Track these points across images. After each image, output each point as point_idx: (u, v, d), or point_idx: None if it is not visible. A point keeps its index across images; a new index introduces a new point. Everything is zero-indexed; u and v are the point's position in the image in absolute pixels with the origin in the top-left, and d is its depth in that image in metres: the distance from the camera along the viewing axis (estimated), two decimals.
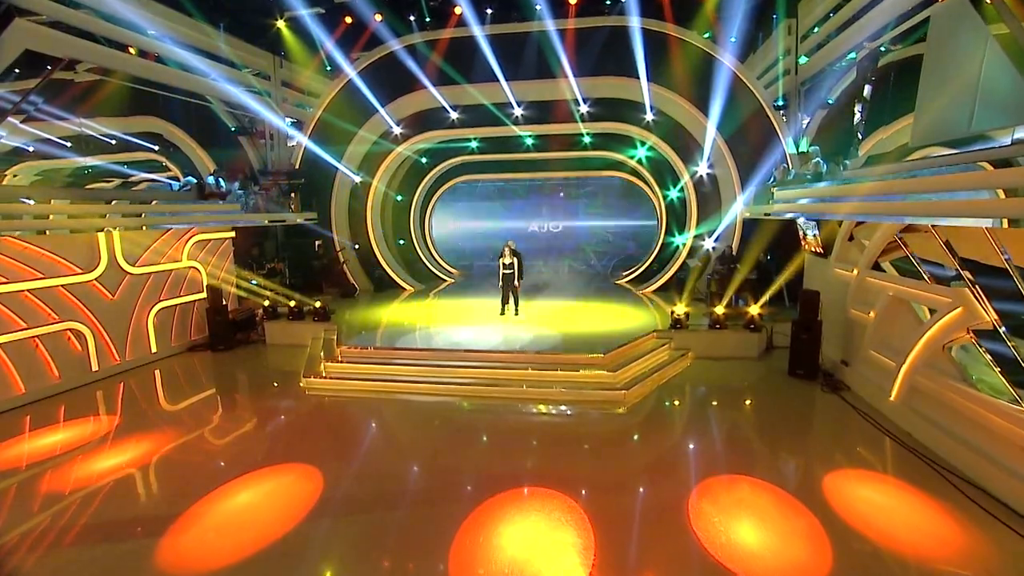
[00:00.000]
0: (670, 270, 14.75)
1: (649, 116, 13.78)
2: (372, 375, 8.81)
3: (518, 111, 14.27)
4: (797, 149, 13.18)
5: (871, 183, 6.08)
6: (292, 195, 15.70)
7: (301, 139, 15.47)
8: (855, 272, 8.10)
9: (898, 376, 6.76)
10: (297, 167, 15.63)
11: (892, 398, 6.89)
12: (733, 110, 13.08)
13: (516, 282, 11.74)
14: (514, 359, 8.74)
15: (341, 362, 9.15)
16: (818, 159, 10.57)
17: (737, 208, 13.12)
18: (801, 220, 10.14)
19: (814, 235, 9.48)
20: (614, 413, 7.67)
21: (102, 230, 9.27)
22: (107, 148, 16.97)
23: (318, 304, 11.57)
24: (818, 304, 8.63)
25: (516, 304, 11.75)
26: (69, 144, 16.85)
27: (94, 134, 16.45)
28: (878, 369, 7.42)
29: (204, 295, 11.51)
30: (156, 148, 16.50)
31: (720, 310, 10.08)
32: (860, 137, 10.25)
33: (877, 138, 10.64)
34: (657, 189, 16.31)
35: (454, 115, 14.61)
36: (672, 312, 10.21)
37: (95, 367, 9.24)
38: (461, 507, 5.14)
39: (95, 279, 9.30)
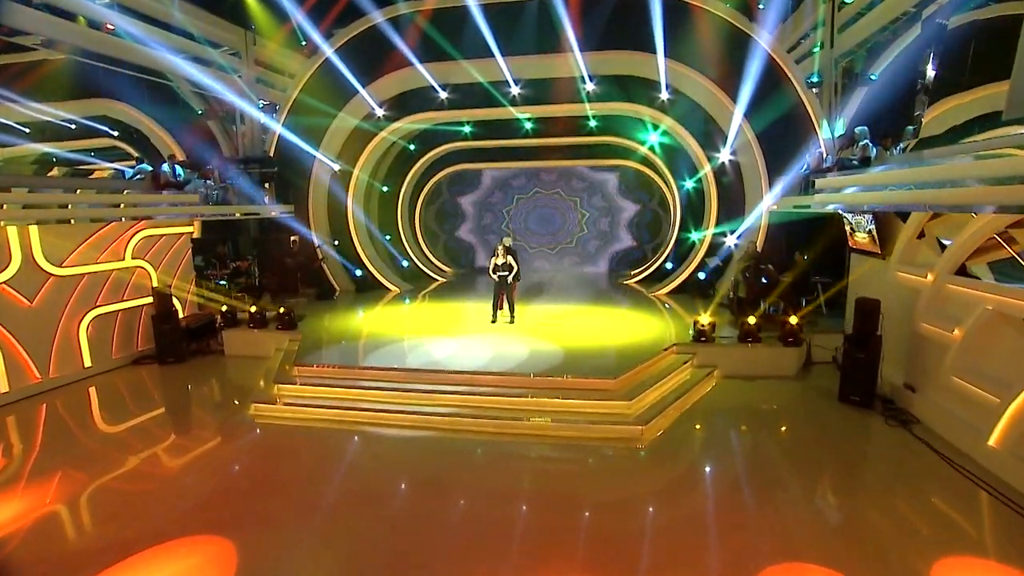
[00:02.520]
0: (686, 270, 13.16)
1: (664, 95, 12.13)
2: (333, 401, 7.26)
3: (515, 90, 12.64)
4: (832, 133, 11.57)
5: (1002, 161, 4.45)
6: (267, 186, 14.21)
7: (274, 125, 13.89)
8: (929, 277, 6.52)
9: (1003, 415, 5.19)
10: (272, 155, 14.07)
11: (992, 443, 5.32)
12: (760, 89, 11.43)
13: (512, 285, 10.19)
14: (504, 383, 7.18)
15: (298, 384, 7.61)
16: (866, 141, 9.04)
17: (766, 200, 11.50)
18: (849, 214, 8.56)
19: (869, 231, 7.88)
20: (629, 455, 6.12)
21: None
22: (65, 134, 15.45)
23: (281, 310, 10.02)
24: (878, 316, 7.04)
25: (511, 310, 10.19)
26: (27, 130, 15.37)
27: (51, 119, 14.91)
28: (965, 401, 5.85)
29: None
30: (116, 134, 14.95)
31: (752, 320, 8.50)
32: (921, 116, 8.60)
33: (937, 112, 9.03)
34: (671, 179, 14.68)
35: (443, 95, 13.00)
36: (695, 322, 8.63)
37: (4, 388, 7.73)
38: None
39: (5, 282, 7.77)
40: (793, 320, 8.42)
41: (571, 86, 12.49)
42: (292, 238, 14.07)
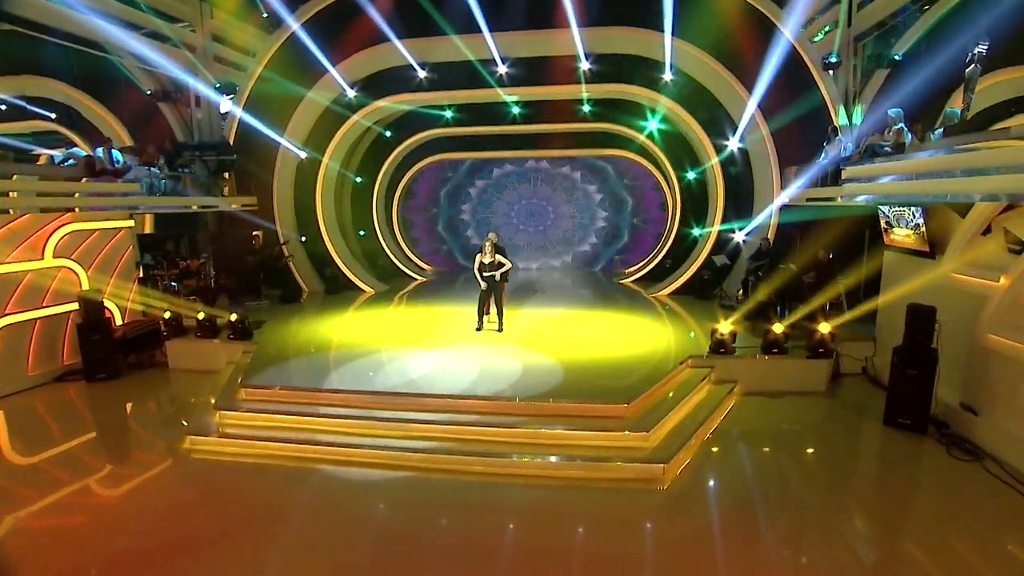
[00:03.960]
0: (689, 269, 12.08)
1: (668, 76, 10.99)
2: (287, 432, 5.96)
3: (503, 69, 11.37)
4: (850, 119, 10.59)
5: None
6: (226, 176, 12.76)
7: (234, 107, 12.43)
8: (1003, 281, 5.48)
9: None
10: (231, 142, 12.61)
11: None
12: (771, 70, 10.38)
13: (500, 287, 8.97)
14: (494, 408, 5.95)
15: (244, 411, 6.28)
16: (901, 125, 8.02)
17: (783, 193, 10.50)
18: (885, 207, 7.53)
19: (915, 226, 6.83)
20: (648, 501, 4.97)
21: None
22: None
23: (233, 317, 8.65)
24: (933, 326, 6.00)
25: (500, 316, 8.97)
26: None
27: None
28: None
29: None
30: (52, 116, 13.30)
31: (780, 328, 7.41)
32: (971, 95, 7.54)
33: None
34: (671, 170, 13.59)
35: (423, 74, 11.68)
36: (713, 331, 7.51)
37: None
38: None
39: None
40: (824, 328, 7.35)
41: (565, 66, 11.29)
42: (254, 233, 12.66)
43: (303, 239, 12.87)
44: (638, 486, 5.16)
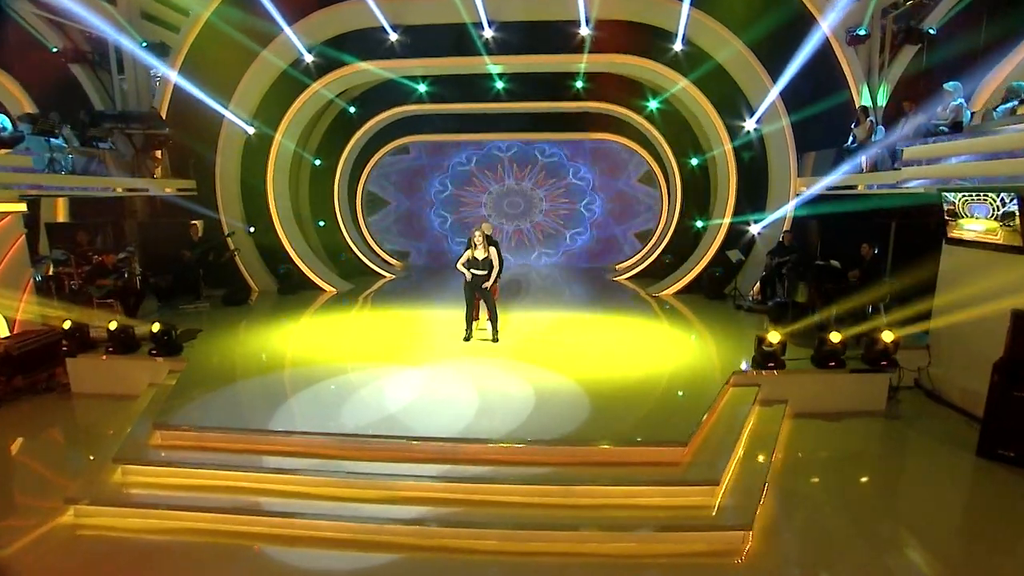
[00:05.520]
0: (697, 265, 10.84)
1: (679, 46, 9.67)
2: (217, 494, 4.27)
3: (488, 33, 9.78)
4: (873, 98, 9.59)
5: None
6: (158, 154, 10.73)
7: (167, 71, 10.37)
8: None
9: None
10: (164, 113, 10.57)
11: None
12: (792, 46, 9.26)
13: (492, 288, 7.44)
14: (511, 455, 4.41)
15: (155, 464, 4.54)
16: (961, 100, 7.01)
17: (795, 179, 9.45)
18: (950, 193, 6.43)
19: (1001, 216, 5.70)
20: None
21: None
22: None
23: (156, 327, 6.77)
24: None
25: (494, 324, 7.42)
26: None
27: None
28: None
29: None
30: None
31: (837, 337, 6.17)
32: None
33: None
34: (671, 156, 12.31)
35: (394, 37, 9.96)
36: (761, 340, 6.18)
37: None
38: None
39: None
40: (888, 336, 6.17)
41: (562, 32, 9.79)
42: (192, 222, 10.66)
43: (251, 230, 10.97)
44: (711, 561, 3.77)
